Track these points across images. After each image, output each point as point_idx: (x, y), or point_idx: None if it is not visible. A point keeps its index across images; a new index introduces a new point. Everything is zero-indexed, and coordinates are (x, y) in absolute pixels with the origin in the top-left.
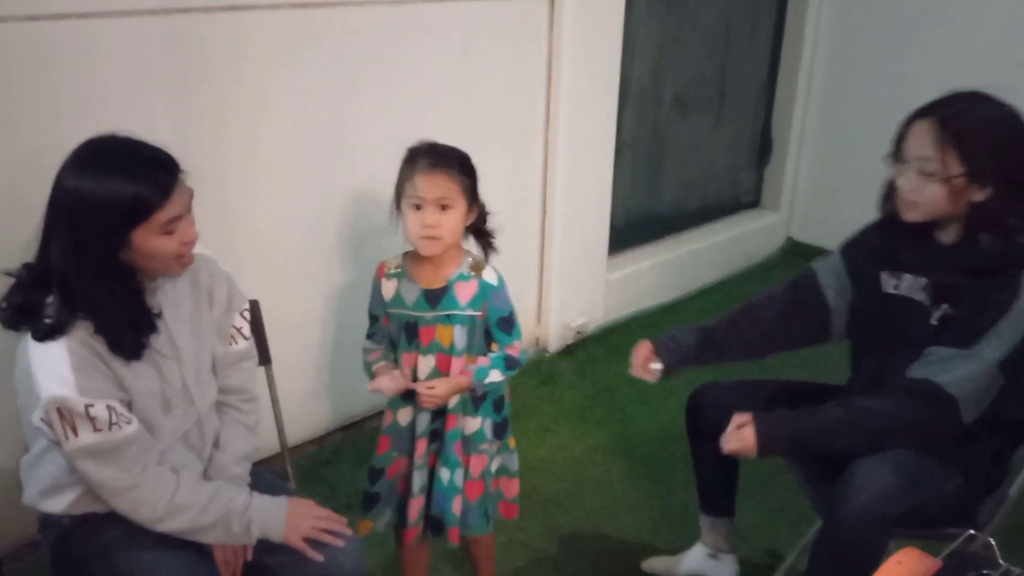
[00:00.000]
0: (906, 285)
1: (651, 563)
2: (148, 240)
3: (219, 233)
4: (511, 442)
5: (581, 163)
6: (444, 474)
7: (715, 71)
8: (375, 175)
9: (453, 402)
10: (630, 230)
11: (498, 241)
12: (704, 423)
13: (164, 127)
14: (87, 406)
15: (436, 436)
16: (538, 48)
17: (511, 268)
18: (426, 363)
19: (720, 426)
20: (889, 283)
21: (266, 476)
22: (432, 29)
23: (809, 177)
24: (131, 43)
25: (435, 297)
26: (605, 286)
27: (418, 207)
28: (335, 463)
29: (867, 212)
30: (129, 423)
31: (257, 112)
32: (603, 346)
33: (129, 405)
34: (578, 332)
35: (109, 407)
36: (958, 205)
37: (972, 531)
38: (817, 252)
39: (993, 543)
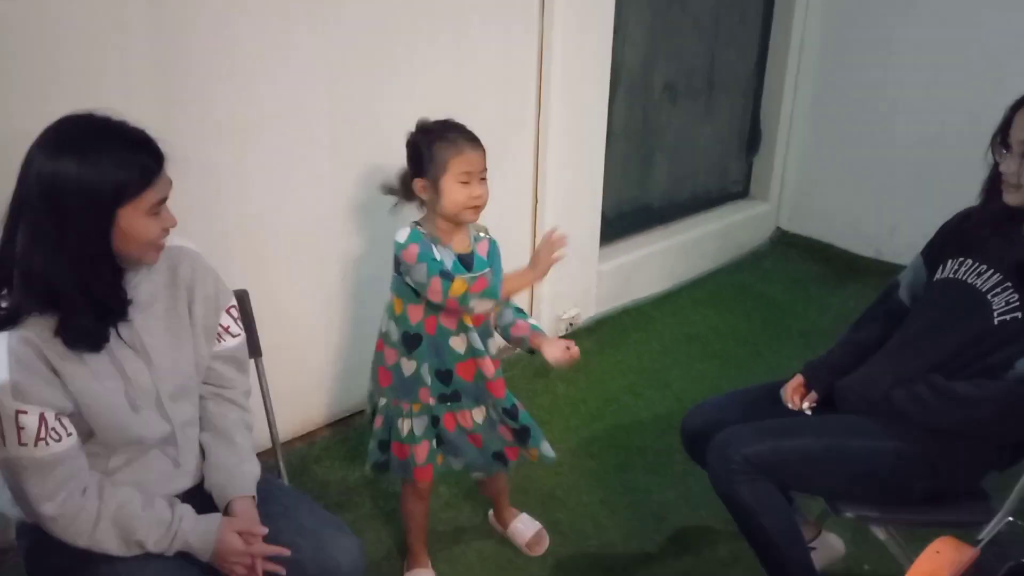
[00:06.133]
0: (964, 269)
1: None
2: (135, 221)
3: (207, 223)
4: None
5: (573, 152)
6: (478, 415)
7: (705, 59)
8: (366, 162)
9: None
10: (621, 220)
11: (489, 232)
12: (700, 448)
13: (150, 112)
14: (18, 412)
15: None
16: (529, 35)
17: (503, 259)
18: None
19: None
20: (950, 268)
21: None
22: (423, 15)
23: (798, 167)
24: (113, 19)
25: (467, 261)
26: (597, 277)
27: (466, 181)
28: (325, 460)
29: (855, 202)
30: (59, 440)
31: (245, 97)
32: (595, 337)
33: (73, 415)
34: (570, 324)
35: (42, 417)
36: None
37: (1011, 518)
38: (806, 242)
39: None
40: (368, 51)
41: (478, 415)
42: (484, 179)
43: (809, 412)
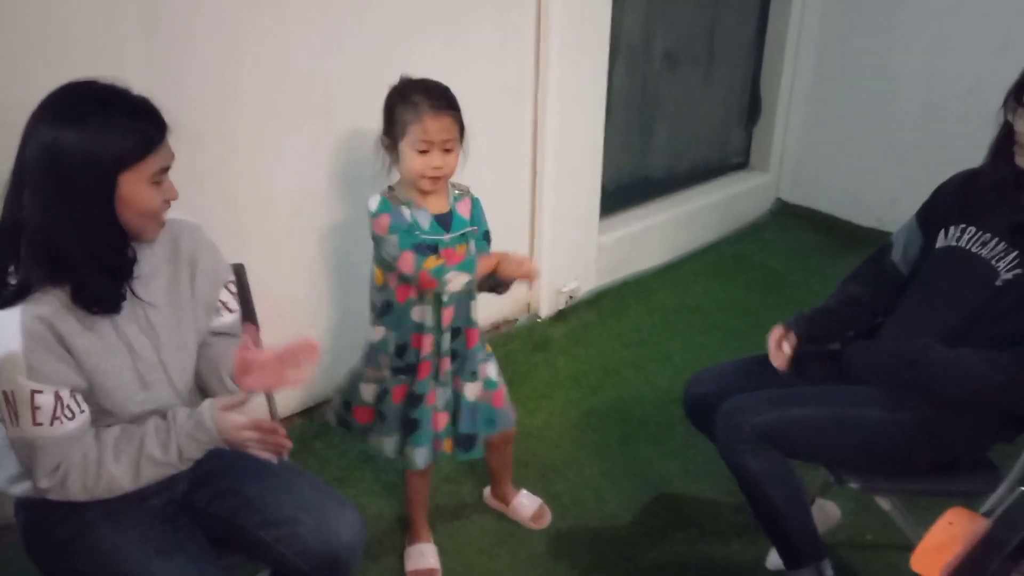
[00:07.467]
0: (968, 238)
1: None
2: (137, 188)
3: (203, 194)
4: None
5: (572, 122)
6: (469, 391)
7: (705, 27)
8: (361, 130)
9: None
10: (621, 192)
11: (487, 206)
12: (703, 416)
13: (140, 81)
14: (34, 392)
15: (454, 355)
16: (527, 1)
17: (500, 232)
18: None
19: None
20: (952, 236)
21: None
22: None
23: (798, 137)
24: None
25: (445, 221)
26: (597, 249)
27: (424, 150)
28: (325, 435)
29: (856, 172)
30: (72, 418)
31: (236, 65)
32: (595, 310)
33: (85, 392)
34: (570, 297)
35: (57, 396)
36: None
37: (1022, 488)
38: (807, 213)
39: None
40: (360, 17)
41: (440, 395)
42: (449, 149)
43: (786, 361)
